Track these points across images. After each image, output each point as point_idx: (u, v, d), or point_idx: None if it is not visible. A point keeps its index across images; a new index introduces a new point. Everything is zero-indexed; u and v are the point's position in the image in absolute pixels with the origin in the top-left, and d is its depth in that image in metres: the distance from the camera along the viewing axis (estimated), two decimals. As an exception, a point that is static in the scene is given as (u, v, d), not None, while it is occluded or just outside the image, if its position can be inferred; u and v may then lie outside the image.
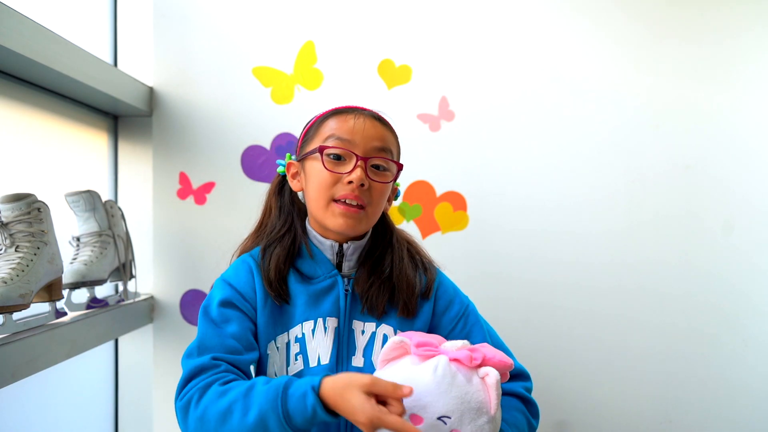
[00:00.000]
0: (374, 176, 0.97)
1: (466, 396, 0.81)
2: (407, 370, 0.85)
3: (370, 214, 0.99)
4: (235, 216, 1.59)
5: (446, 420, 0.80)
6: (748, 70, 1.58)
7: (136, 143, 1.61)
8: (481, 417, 0.81)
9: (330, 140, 0.98)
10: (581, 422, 1.59)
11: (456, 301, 1.04)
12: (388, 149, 0.99)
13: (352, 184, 0.95)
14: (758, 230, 1.57)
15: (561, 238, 1.58)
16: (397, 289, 1.00)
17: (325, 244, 1.01)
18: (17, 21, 1.06)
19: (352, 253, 1.01)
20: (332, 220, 0.97)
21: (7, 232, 1.03)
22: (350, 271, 1.02)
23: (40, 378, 1.12)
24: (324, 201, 0.98)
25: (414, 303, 1.00)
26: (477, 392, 0.82)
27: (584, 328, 1.58)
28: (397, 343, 0.87)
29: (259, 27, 1.60)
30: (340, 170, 0.96)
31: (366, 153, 0.97)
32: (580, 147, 1.59)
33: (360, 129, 0.98)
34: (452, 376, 0.82)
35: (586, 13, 1.59)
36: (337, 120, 0.99)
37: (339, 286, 1.00)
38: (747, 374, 1.57)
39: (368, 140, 0.97)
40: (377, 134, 0.99)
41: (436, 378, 0.82)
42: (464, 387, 0.82)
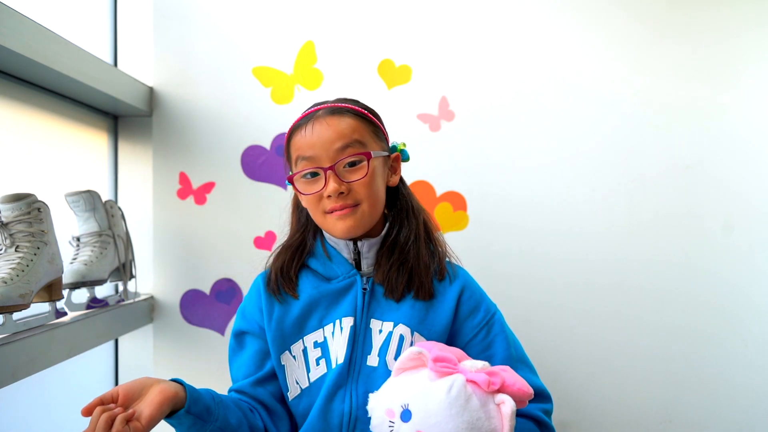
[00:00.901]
0: (350, 176, 0.96)
1: (478, 422, 0.78)
2: (422, 384, 0.83)
3: (367, 209, 0.98)
4: (235, 216, 1.59)
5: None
6: (748, 70, 1.58)
7: (136, 143, 1.61)
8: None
9: (299, 162, 0.98)
10: (581, 422, 1.59)
11: (482, 307, 1.03)
12: (352, 142, 0.97)
13: (331, 197, 0.95)
14: (758, 230, 1.57)
15: (561, 237, 1.58)
16: (413, 271, 1.00)
17: (340, 244, 1.02)
18: (17, 21, 1.06)
19: (368, 250, 1.01)
20: (334, 229, 0.99)
21: (7, 232, 1.03)
22: (369, 269, 1.02)
23: (40, 378, 1.12)
24: (320, 217, 0.99)
25: (429, 283, 1.00)
26: (490, 419, 0.79)
27: (584, 328, 1.58)
28: (415, 354, 0.86)
29: (259, 27, 1.60)
30: (316, 188, 0.97)
31: (332, 159, 0.96)
32: (580, 147, 1.58)
33: (316, 138, 0.96)
34: (466, 398, 0.79)
35: (585, 12, 1.59)
36: (296, 137, 0.99)
37: (357, 285, 1.00)
38: (747, 374, 1.57)
39: (328, 145, 0.96)
40: (334, 134, 0.96)
41: (449, 398, 0.79)
42: (477, 413, 0.79)
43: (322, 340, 0.98)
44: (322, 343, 0.98)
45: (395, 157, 1.05)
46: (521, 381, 0.83)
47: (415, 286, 0.99)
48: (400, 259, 1.00)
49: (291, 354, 0.99)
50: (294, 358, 0.99)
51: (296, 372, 0.98)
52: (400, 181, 1.07)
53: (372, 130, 1.01)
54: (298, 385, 0.98)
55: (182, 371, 1.56)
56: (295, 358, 0.99)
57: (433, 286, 1.00)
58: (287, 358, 0.99)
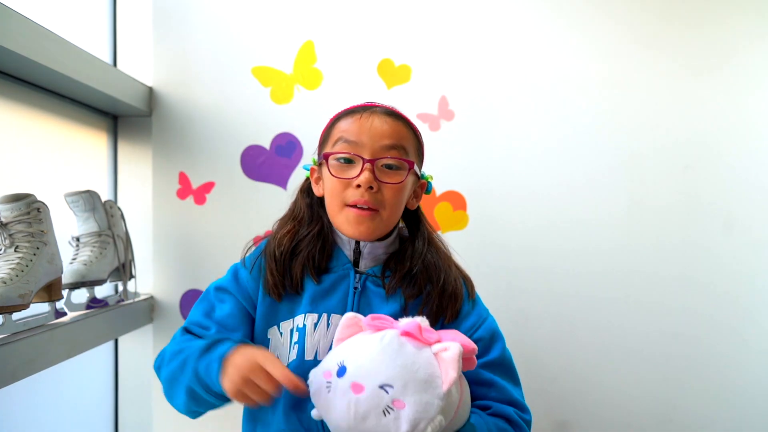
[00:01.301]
0: (385, 177, 0.94)
1: (413, 366, 0.77)
2: (356, 341, 0.82)
3: (386, 218, 0.96)
4: (235, 216, 1.59)
5: (388, 389, 0.76)
6: (748, 70, 1.58)
7: (136, 143, 1.61)
8: (428, 391, 0.76)
9: (338, 144, 0.96)
10: (581, 422, 1.59)
11: (473, 313, 1.00)
12: (399, 146, 0.96)
13: (360, 187, 0.92)
14: (758, 230, 1.57)
15: (561, 237, 1.58)
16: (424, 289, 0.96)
17: (343, 239, 0.99)
18: (17, 21, 1.06)
19: (369, 252, 0.99)
20: (346, 227, 0.96)
21: (6, 232, 1.03)
22: (366, 268, 0.99)
23: (40, 378, 1.12)
24: (337, 207, 0.96)
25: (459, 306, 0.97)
26: (427, 364, 0.77)
27: (584, 328, 1.58)
28: (350, 319, 0.85)
29: (258, 27, 1.60)
30: (347, 175, 0.94)
31: (374, 153, 0.94)
32: (579, 147, 1.58)
33: (367, 128, 0.94)
34: (400, 344, 0.78)
35: (585, 12, 1.59)
36: (346, 121, 0.97)
37: (350, 280, 0.98)
38: (748, 374, 1.57)
39: (376, 139, 0.94)
40: (387, 131, 0.95)
41: (381, 345, 0.78)
42: (411, 356, 0.78)
43: (302, 326, 0.95)
44: (301, 329, 0.95)
45: (422, 184, 1.05)
46: (463, 337, 0.81)
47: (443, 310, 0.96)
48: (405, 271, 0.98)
49: (279, 330, 0.96)
50: (281, 335, 0.96)
51: (279, 348, 0.95)
52: (417, 207, 1.05)
53: (417, 147, 1.01)
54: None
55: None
56: (282, 335, 0.96)
57: (461, 308, 0.98)
58: (274, 333, 0.97)
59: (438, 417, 0.76)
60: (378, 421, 0.75)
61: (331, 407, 0.79)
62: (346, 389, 0.77)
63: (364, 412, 0.76)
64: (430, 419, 0.75)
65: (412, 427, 0.75)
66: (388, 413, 0.75)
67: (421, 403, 0.75)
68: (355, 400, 0.76)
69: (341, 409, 0.77)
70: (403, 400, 0.75)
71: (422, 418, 0.75)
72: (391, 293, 0.97)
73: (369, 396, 0.76)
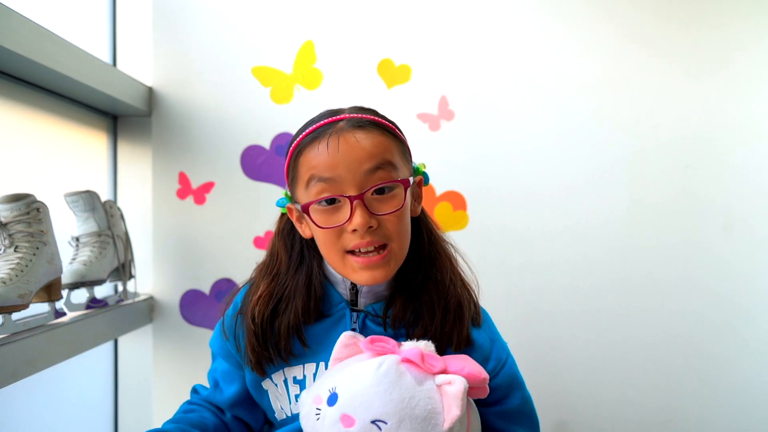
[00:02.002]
0: (381, 207, 0.80)
1: (411, 400, 0.69)
2: (351, 366, 0.74)
3: (398, 249, 0.82)
4: (235, 216, 1.59)
5: (381, 425, 0.68)
6: (748, 70, 1.57)
7: (136, 143, 1.61)
8: (427, 429, 0.68)
9: (312, 185, 0.80)
10: (581, 422, 1.59)
11: (492, 356, 0.88)
12: (385, 162, 0.80)
13: (357, 231, 0.78)
14: (758, 229, 1.57)
15: (561, 237, 1.58)
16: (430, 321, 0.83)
17: (337, 278, 0.86)
18: (17, 21, 1.06)
19: (368, 290, 0.86)
20: (355, 277, 0.82)
21: (6, 232, 1.03)
22: (365, 306, 0.87)
23: (40, 378, 1.12)
24: (337, 257, 0.82)
25: (468, 330, 0.84)
26: (427, 398, 0.69)
27: (584, 328, 1.58)
28: (349, 338, 0.78)
29: (258, 27, 1.60)
30: (337, 220, 0.79)
31: (359, 185, 0.79)
32: (580, 146, 1.58)
33: (341, 156, 0.78)
34: (398, 375, 0.70)
35: (585, 12, 1.59)
36: (312, 151, 0.81)
37: (346, 321, 0.86)
38: (748, 374, 1.57)
39: (356, 164, 0.78)
40: (364, 153, 0.79)
41: (377, 375, 0.70)
42: (410, 390, 0.69)
43: (302, 377, 0.86)
44: (301, 381, 0.86)
45: (419, 181, 0.90)
46: (473, 364, 0.74)
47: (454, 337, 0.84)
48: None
49: (273, 381, 0.88)
50: (276, 386, 0.88)
51: (280, 399, 0.88)
52: (422, 210, 0.91)
53: (401, 150, 0.85)
54: (283, 411, 0.89)
55: (182, 371, 1.56)
56: (277, 386, 0.87)
57: (470, 332, 0.85)
58: (269, 385, 0.88)
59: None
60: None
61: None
62: (335, 420, 0.71)
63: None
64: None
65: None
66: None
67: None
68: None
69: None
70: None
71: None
72: (395, 327, 0.84)
73: (359, 430, 0.69)
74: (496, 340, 0.90)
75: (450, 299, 0.85)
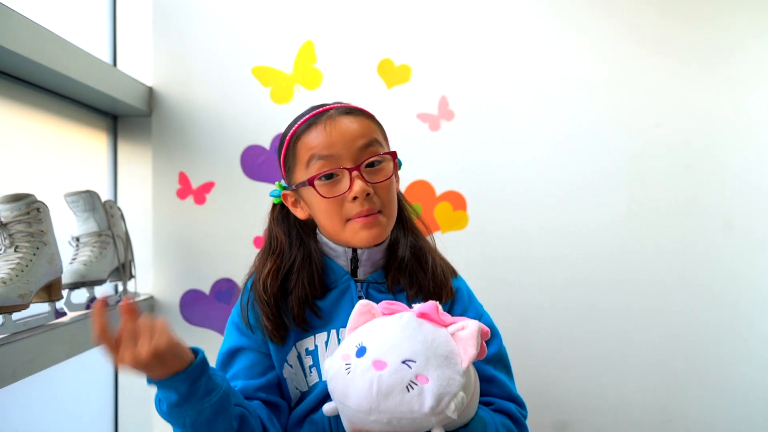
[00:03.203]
0: (374, 178, 0.90)
1: (434, 342, 0.77)
2: (372, 323, 0.82)
3: (389, 215, 0.93)
4: (235, 216, 1.59)
5: (411, 364, 0.75)
6: (748, 70, 1.58)
7: (136, 143, 1.61)
8: (450, 367, 0.76)
9: (313, 163, 0.90)
10: (581, 422, 1.59)
11: (470, 308, 0.99)
12: (373, 140, 0.92)
13: (358, 199, 0.89)
14: (758, 229, 1.57)
15: (561, 237, 1.58)
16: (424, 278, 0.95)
17: (338, 251, 0.95)
18: (17, 21, 1.06)
19: (367, 258, 0.95)
20: (356, 238, 0.91)
21: (6, 232, 1.03)
22: (366, 276, 0.96)
23: (40, 378, 1.12)
24: (339, 225, 0.91)
25: (449, 282, 0.96)
26: (446, 341, 0.77)
27: (584, 328, 1.58)
28: (364, 306, 0.84)
29: (258, 27, 1.60)
30: (337, 191, 0.90)
31: (354, 158, 0.90)
32: (580, 146, 1.58)
33: (336, 136, 0.90)
34: (418, 324, 0.79)
35: (585, 12, 1.59)
36: (310, 135, 0.91)
37: (352, 292, 0.94)
38: (748, 373, 1.57)
39: (350, 143, 0.90)
40: (357, 131, 0.91)
41: (400, 324, 0.79)
42: (431, 334, 0.78)
43: (313, 348, 0.93)
44: (313, 351, 0.92)
45: (395, 164, 1.00)
46: (476, 321, 0.81)
47: (418, 288, 0.95)
48: (404, 265, 0.96)
49: (288, 364, 0.94)
50: (291, 367, 0.94)
51: (296, 380, 0.94)
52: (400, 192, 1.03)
53: (382, 132, 0.97)
54: (298, 391, 0.94)
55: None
56: (292, 366, 0.93)
57: (435, 290, 0.96)
58: (286, 370, 0.94)
59: (460, 393, 0.75)
60: (402, 397, 0.74)
61: (351, 389, 0.77)
62: (367, 367, 0.76)
63: (388, 388, 0.74)
64: (453, 394, 0.74)
65: (436, 401, 0.73)
66: (412, 388, 0.74)
67: (444, 378, 0.75)
68: (378, 377, 0.75)
69: (363, 388, 0.75)
70: (426, 374, 0.74)
71: (446, 392, 0.74)
72: (395, 291, 0.95)
73: (392, 371, 0.75)
74: (472, 296, 1.02)
75: (433, 259, 0.97)
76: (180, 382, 0.76)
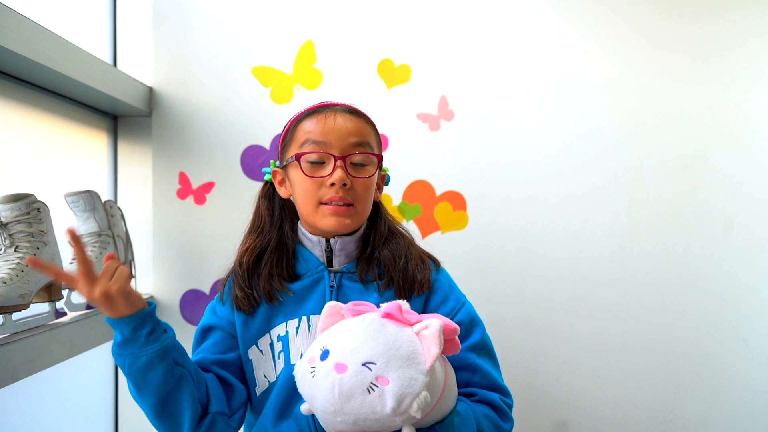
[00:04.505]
0: (356, 173, 0.97)
1: (395, 343, 0.78)
2: (338, 325, 0.84)
3: (360, 211, 0.99)
4: (235, 216, 1.57)
5: (371, 366, 0.76)
6: (748, 71, 1.58)
7: (136, 143, 1.61)
8: (412, 367, 0.76)
9: (306, 145, 0.97)
10: (581, 422, 1.59)
11: (451, 296, 1.02)
12: (365, 143, 0.98)
13: (335, 185, 0.95)
14: (759, 228, 1.57)
15: (561, 237, 1.58)
16: (394, 270, 0.99)
17: (313, 240, 1.01)
18: (17, 21, 1.06)
19: (340, 248, 1.00)
20: (323, 222, 0.97)
21: (6, 232, 1.03)
22: (341, 266, 1.01)
23: (40, 378, 1.12)
24: (312, 206, 0.98)
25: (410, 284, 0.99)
26: (408, 342, 0.78)
27: (584, 328, 1.58)
28: (332, 308, 0.86)
29: (258, 27, 1.60)
30: (320, 174, 0.96)
31: (343, 151, 0.96)
32: (579, 146, 1.58)
33: (333, 127, 0.97)
34: (381, 325, 0.80)
35: (585, 12, 1.59)
36: (310, 122, 0.99)
37: (325, 281, 0.99)
38: (748, 373, 1.57)
39: (343, 137, 0.97)
40: (352, 129, 0.97)
41: (363, 326, 0.80)
42: (393, 335, 0.79)
43: (284, 334, 0.97)
44: (284, 337, 0.97)
45: (383, 176, 1.07)
46: (444, 318, 0.82)
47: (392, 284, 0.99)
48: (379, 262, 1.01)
49: (258, 348, 0.98)
50: (261, 352, 0.98)
51: (264, 366, 0.98)
52: (382, 204, 1.08)
53: (377, 140, 1.03)
54: (266, 379, 0.98)
55: (182, 371, 1.56)
56: (263, 352, 0.98)
57: (410, 289, 1.00)
58: (254, 352, 0.99)
59: (423, 393, 0.76)
60: (363, 399, 0.75)
61: (316, 391, 0.78)
62: (329, 370, 0.77)
63: (349, 391, 0.75)
64: (415, 395, 0.75)
65: (397, 402, 0.74)
66: (373, 390, 0.75)
67: (405, 379, 0.75)
68: (339, 380, 0.76)
69: (326, 391, 0.77)
70: (387, 376, 0.75)
71: (407, 393, 0.75)
72: (365, 281, 0.99)
73: (352, 374, 0.76)
74: (454, 286, 1.05)
75: (408, 254, 1.01)
76: (124, 325, 0.84)
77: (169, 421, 0.90)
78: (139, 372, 0.86)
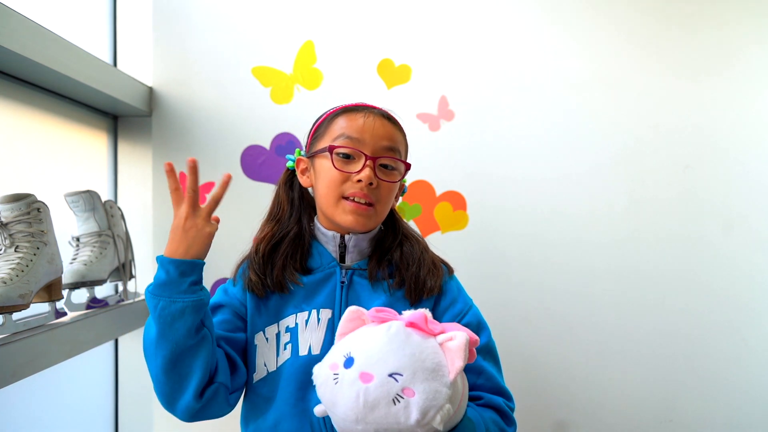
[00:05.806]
0: (383, 175, 0.99)
1: (421, 354, 0.78)
2: (362, 333, 0.83)
3: (379, 212, 1.01)
4: (235, 216, 1.59)
5: (397, 377, 0.76)
6: (749, 70, 1.58)
7: (136, 143, 1.61)
8: (437, 379, 0.77)
9: (340, 139, 0.99)
10: (581, 422, 1.59)
11: (459, 300, 1.04)
12: (396, 149, 1.01)
13: (362, 182, 0.97)
14: (758, 229, 1.57)
15: (560, 237, 1.58)
16: (406, 272, 1.01)
17: (327, 236, 1.03)
18: (17, 21, 1.06)
19: (354, 245, 1.02)
20: (342, 217, 0.99)
21: (6, 232, 1.03)
22: (352, 263, 1.02)
23: (40, 378, 1.12)
24: (334, 198, 0.99)
25: (420, 288, 1.00)
26: (433, 353, 0.78)
27: (584, 327, 1.58)
28: (353, 313, 0.86)
29: (258, 27, 1.60)
30: (349, 169, 0.98)
31: (375, 152, 0.99)
32: (579, 146, 1.59)
33: (369, 128, 0.99)
34: (406, 335, 0.80)
35: (585, 12, 1.59)
36: (347, 118, 1.01)
37: (336, 276, 1.01)
38: (748, 373, 1.57)
39: (377, 139, 0.99)
40: (386, 133, 1.00)
41: (388, 335, 0.80)
42: (419, 346, 0.79)
43: (293, 325, 0.99)
44: (293, 328, 0.99)
45: (401, 185, 1.09)
46: (466, 329, 0.82)
47: (404, 287, 1.01)
48: (391, 264, 1.02)
49: (264, 336, 1.00)
50: (267, 340, 0.99)
51: (266, 354, 0.99)
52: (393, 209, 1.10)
53: (406, 148, 1.06)
54: (265, 368, 0.99)
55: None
56: (268, 340, 0.99)
57: (420, 294, 1.01)
58: (260, 339, 1.00)
59: (446, 405, 0.76)
60: (388, 410, 0.75)
61: (338, 399, 0.78)
62: (354, 379, 0.77)
63: (374, 401, 0.75)
64: (439, 407, 0.75)
65: (422, 415, 0.75)
66: (398, 401, 0.75)
67: (431, 391, 0.76)
68: (365, 390, 0.76)
69: (349, 399, 0.77)
70: (413, 388, 0.75)
71: (432, 406, 0.75)
72: (375, 280, 1.01)
73: (379, 384, 0.76)
74: (462, 290, 1.07)
75: (422, 259, 1.03)
76: (175, 266, 0.89)
77: (175, 378, 0.89)
78: (169, 317, 0.86)
